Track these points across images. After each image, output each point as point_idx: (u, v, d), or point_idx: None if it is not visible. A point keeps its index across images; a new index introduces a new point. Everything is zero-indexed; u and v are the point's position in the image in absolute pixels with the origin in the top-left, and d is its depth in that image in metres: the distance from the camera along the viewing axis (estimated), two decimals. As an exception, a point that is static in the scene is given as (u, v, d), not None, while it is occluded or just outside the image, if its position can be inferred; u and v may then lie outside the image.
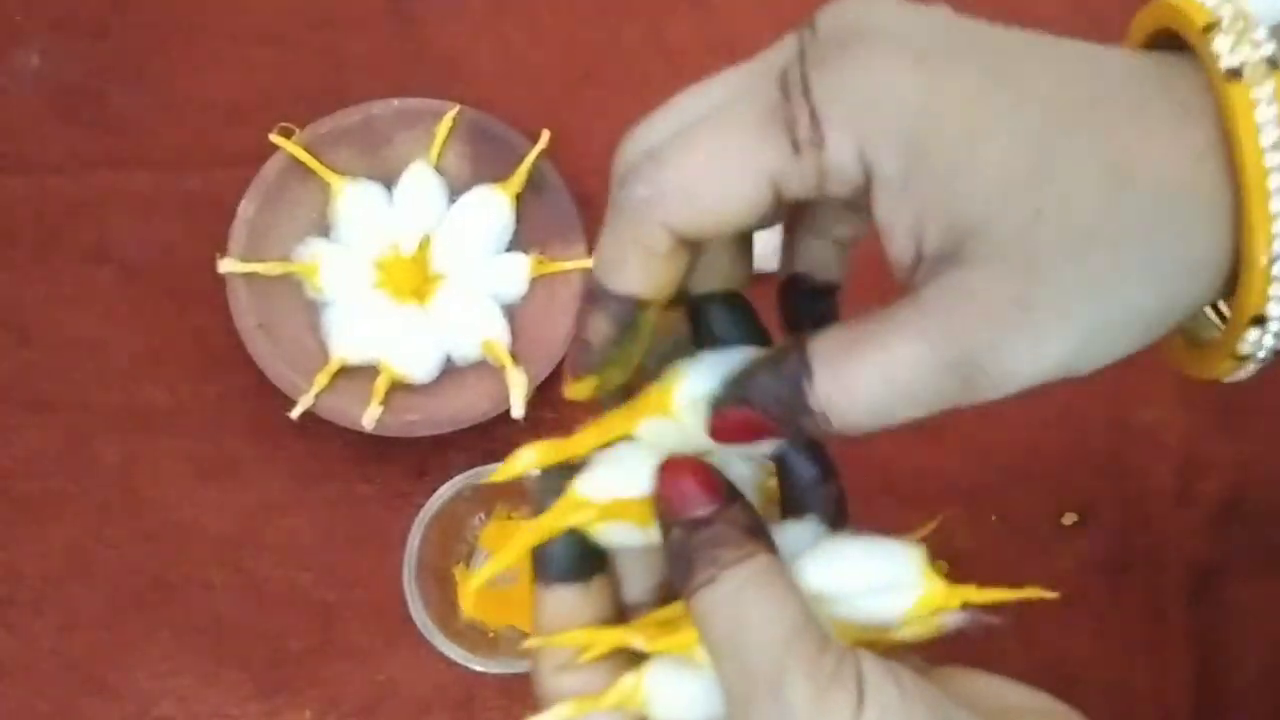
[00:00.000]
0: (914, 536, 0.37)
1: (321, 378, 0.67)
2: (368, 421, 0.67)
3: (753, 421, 0.35)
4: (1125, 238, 0.33)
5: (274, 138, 0.69)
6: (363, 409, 0.67)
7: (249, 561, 0.68)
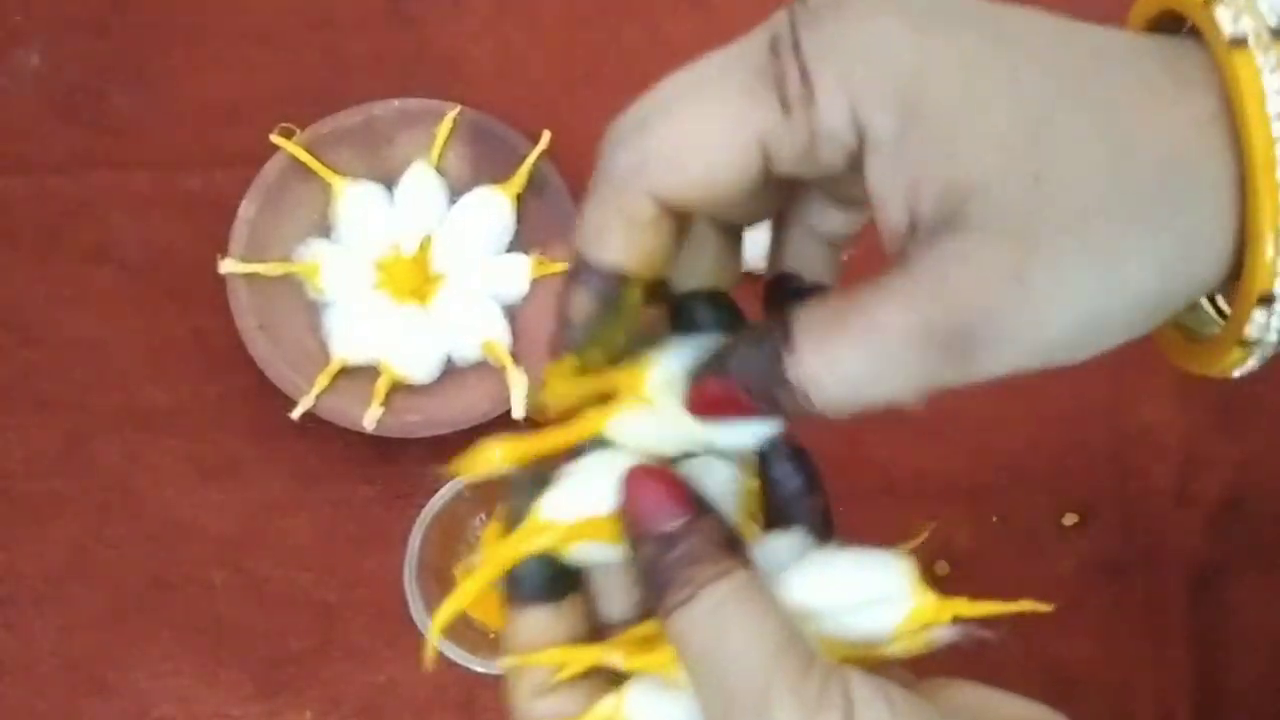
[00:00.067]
0: (905, 547, 0.36)
1: (322, 378, 0.67)
2: (368, 422, 0.67)
3: (730, 394, 0.33)
4: (1127, 207, 0.32)
5: (275, 138, 0.69)
6: (363, 410, 0.67)
7: (250, 562, 0.68)
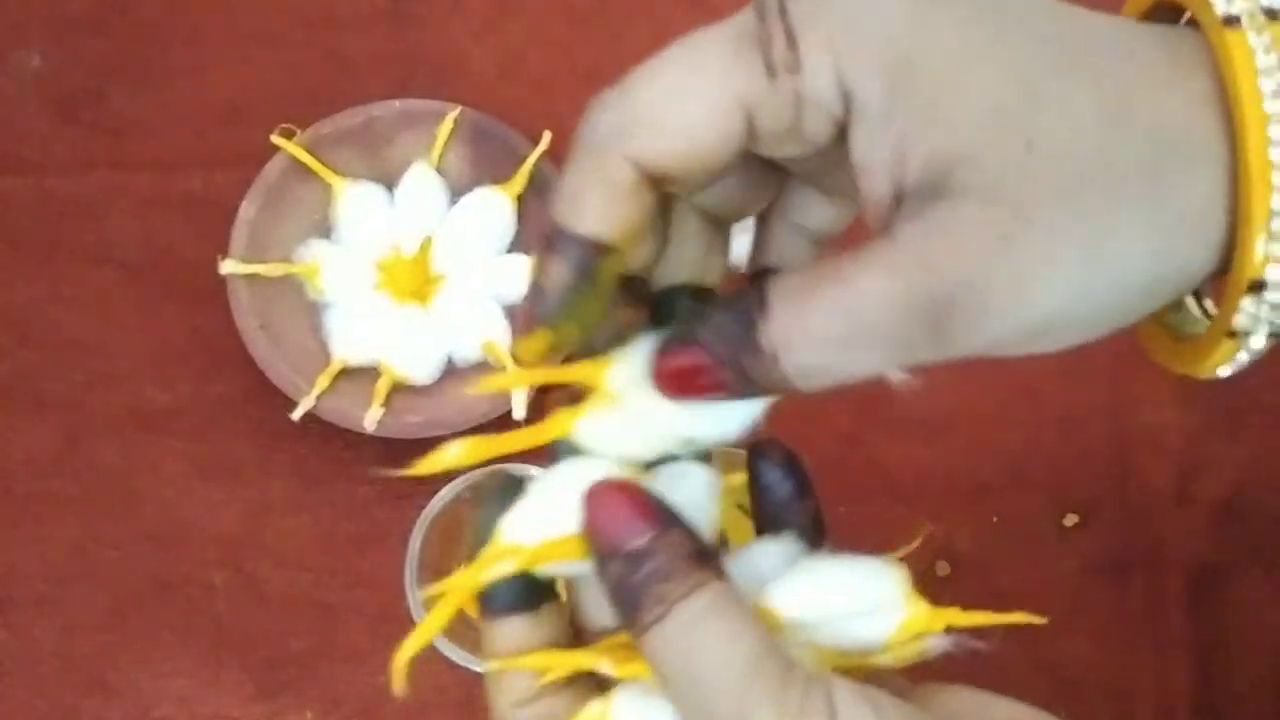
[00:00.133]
0: (900, 552, 0.36)
1: (323, 379, 0.67)
2: (369, 423, 0.67)
3: (697, 365, 0.32)
4: (1121, 179, 0.31)
5: (275, 139, 0.69)
6: (364, 410, 0.67)
7: (250, 562, 0.68)
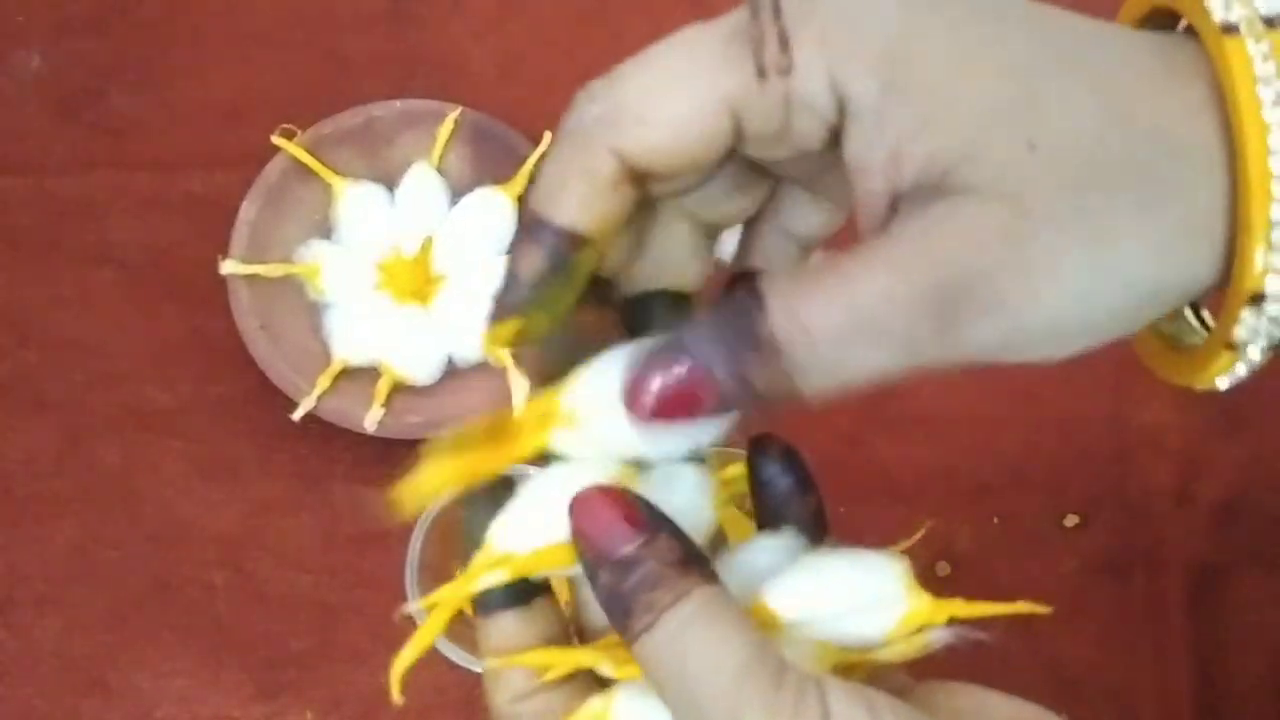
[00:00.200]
0: (898, 548, 0.35)
1: (323, 379, 0.67)
2: (369, 423, 0.67)
3: (691, 381, 0.31)
4: (1124, 180, 0.31)
5: (276, 139, 0.69)
6: (364, 410, 0.67)
7: (250, 563, 0.68)
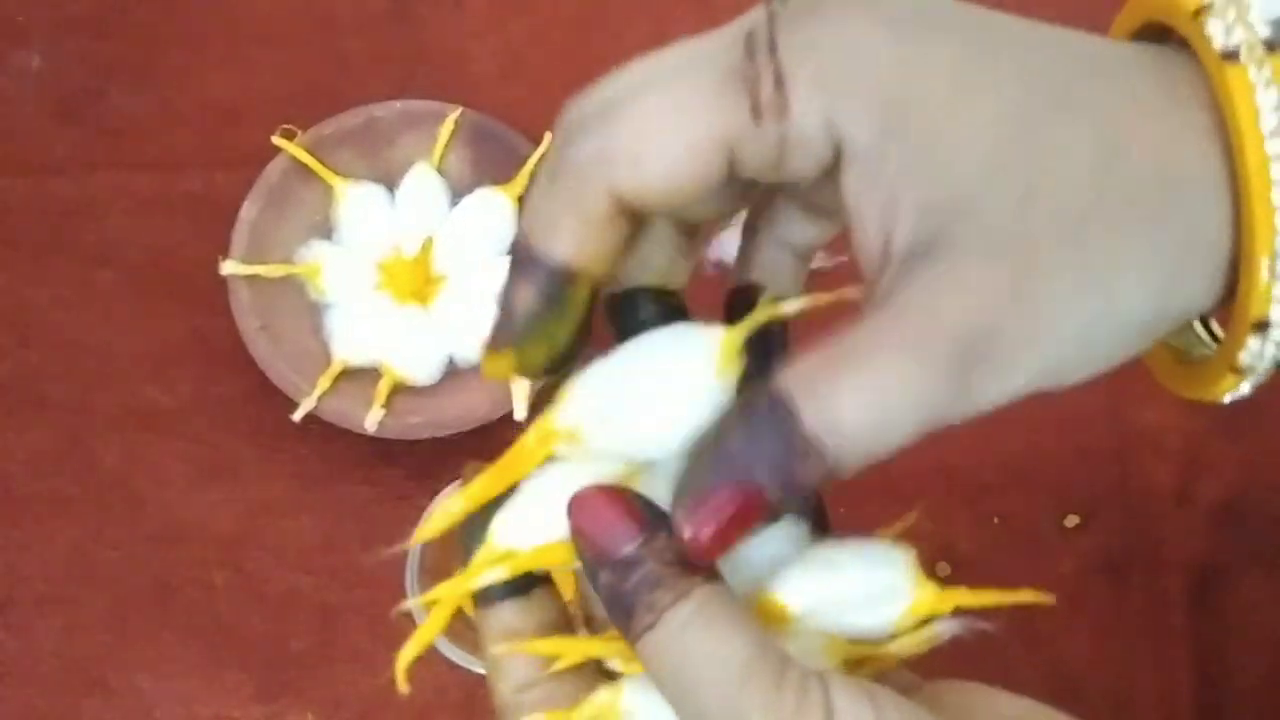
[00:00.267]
0: (893, 531, 0.36)
1: (323, 380, 0.67)
2: (370, 424, 0.67)
3: (744, 504, 0.30)
4: (1123, 220, 0.30)
5: (276, 139, 0.69)
6: (365, 411, 0.67)
7: (250, 563, 0.68)
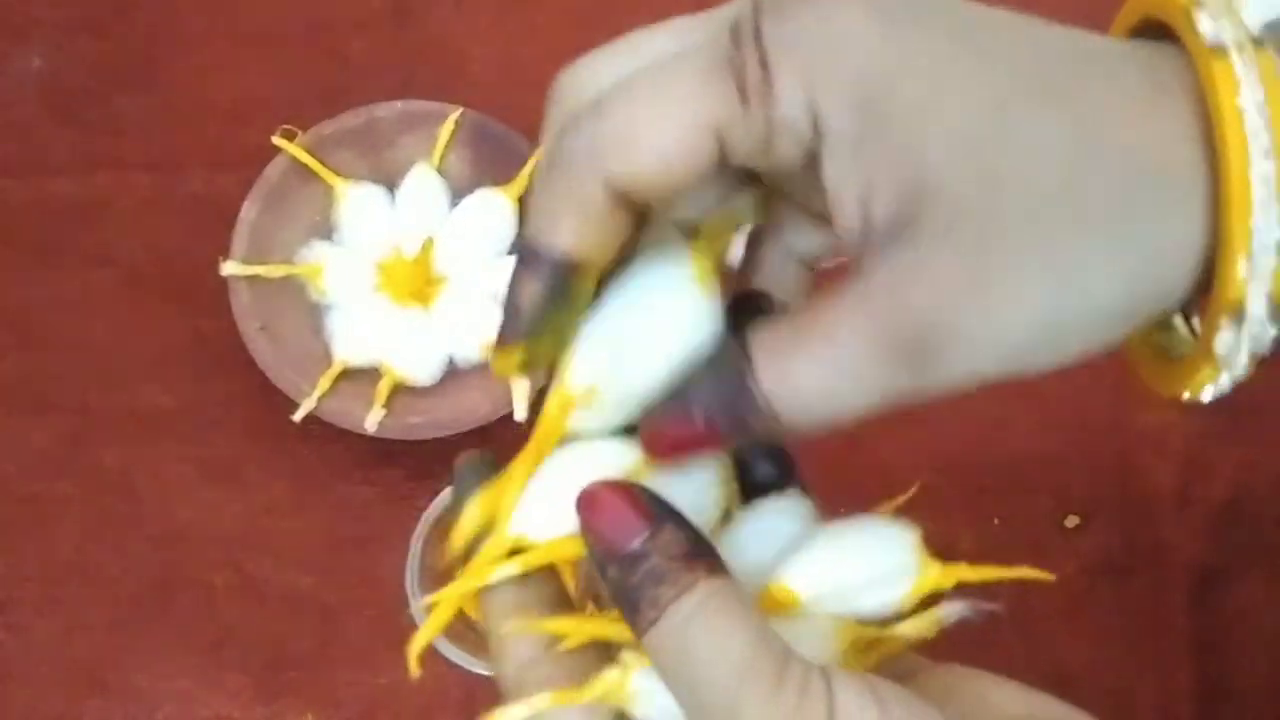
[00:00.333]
0: (892, 507, 0.36)
1: (324, 380, 0.67)
2: (370, 424, 0.67)
3: (694, 430, 0.33)
4: (1091, 210, 0.31)
5: (276, 140, 0.69)
6: (365, 411, 0.67)
7: (251, 564, 0.68)
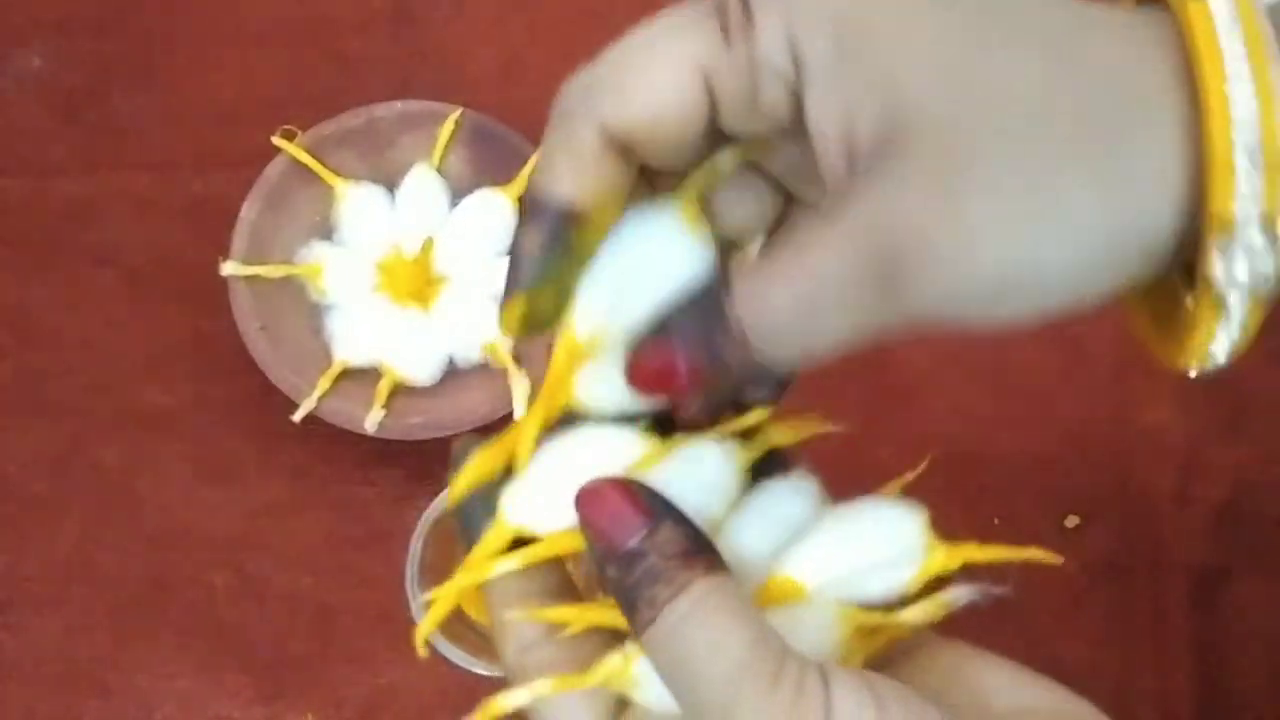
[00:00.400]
0: (899, 485, 0.36)
1: (324, 380, 0.67)
2: (370, 424, 0.67)
3: (672, 360, 0.33)
4: (1073, 134, 0.31)
5: (276, 140, 0.69)
6: (365, 412, 0.67)
7: (251, 564, 0.68)
